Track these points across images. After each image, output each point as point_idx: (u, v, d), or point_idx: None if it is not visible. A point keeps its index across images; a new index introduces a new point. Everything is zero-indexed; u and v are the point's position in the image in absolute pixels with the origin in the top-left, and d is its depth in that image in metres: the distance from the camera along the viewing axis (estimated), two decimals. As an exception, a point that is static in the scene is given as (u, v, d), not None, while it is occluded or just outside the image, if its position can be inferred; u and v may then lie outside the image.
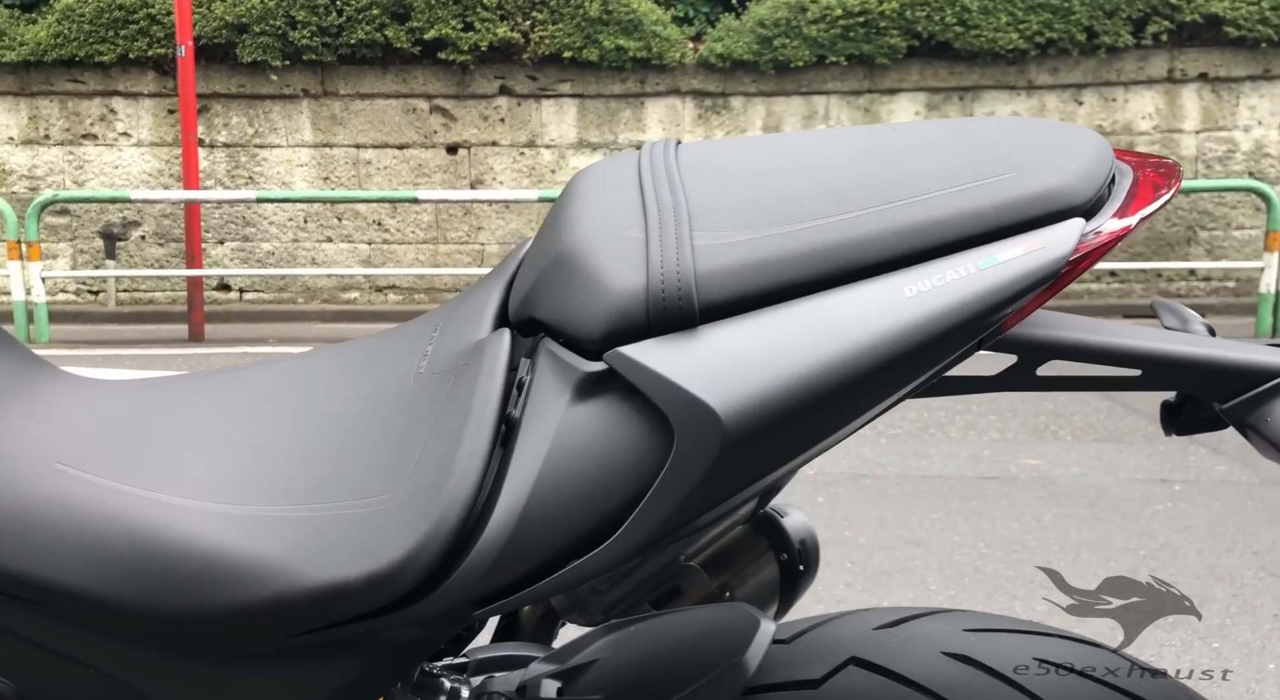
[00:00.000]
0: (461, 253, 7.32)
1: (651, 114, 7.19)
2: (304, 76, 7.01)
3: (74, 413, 0.62)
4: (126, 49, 6.76)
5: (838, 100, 7.16)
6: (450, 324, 0.64)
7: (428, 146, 7.20)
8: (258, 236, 7.20)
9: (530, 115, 7.18)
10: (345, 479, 0.55)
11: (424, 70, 7.06)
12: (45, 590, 0.54)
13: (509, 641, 0.87)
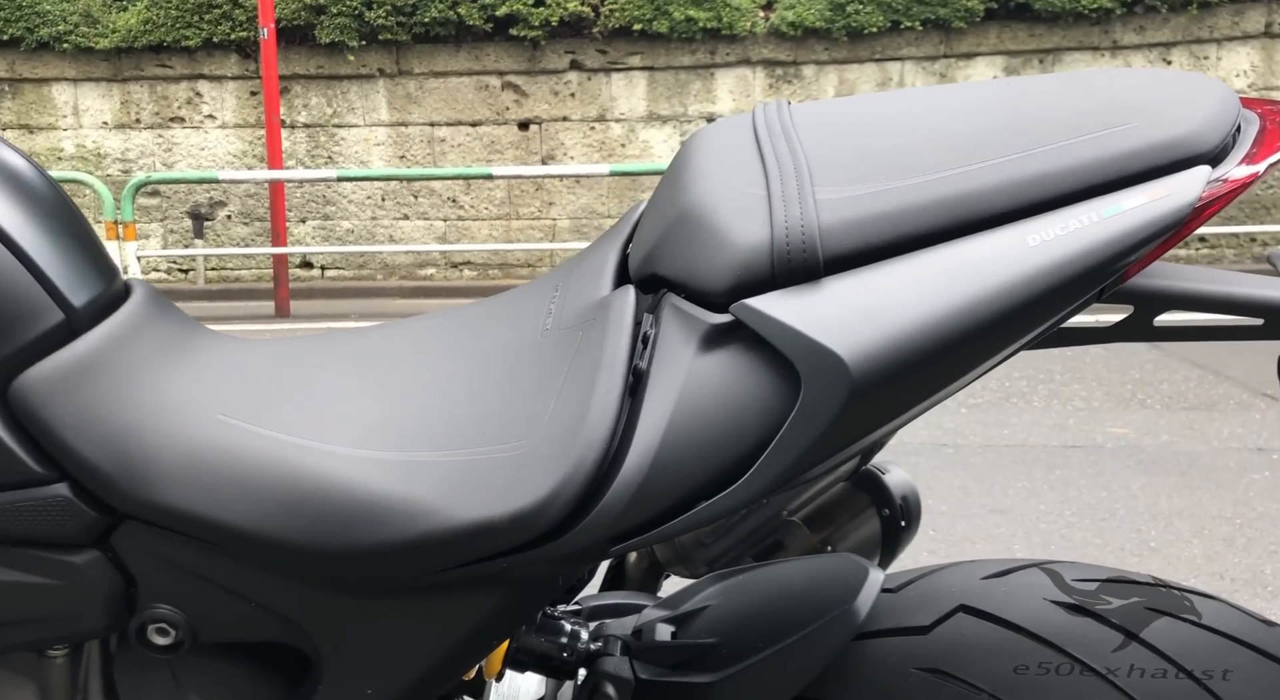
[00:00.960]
0: (533, 228, 7.40)
1: (721, 85, 7.14)
2: (380, 56, 7.14)
3: (229, 369, 0.68)
4: (211, 33, 6.97)
5: (912, 66, 7.01)
6: (570, 284, 0.67)
7: (500, 123, 7.28)
8: (337, 214, 7.39)
9: (600, 89, 7.19)
10: (484, 427, 0.59)
11: (496, 47, 7.12)
12: (213, 529, 0.59)
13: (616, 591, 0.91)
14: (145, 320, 0.66)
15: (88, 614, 0.62)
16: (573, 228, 7.37)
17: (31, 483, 0.58)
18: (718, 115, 7.15)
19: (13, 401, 0.58)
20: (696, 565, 0.90)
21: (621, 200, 7.26)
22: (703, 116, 7.14)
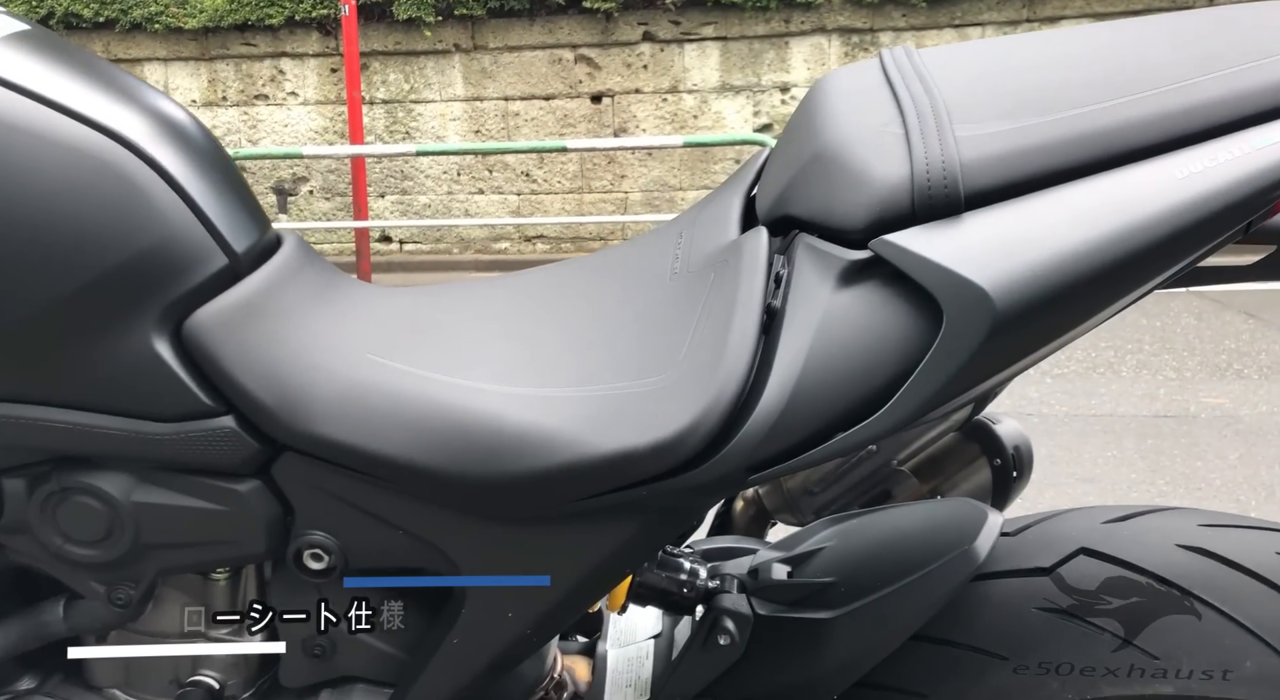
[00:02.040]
0: (605, 201, 7.43)
1: (796, 54, 7.04)
2: (456, 31, 7.21)
3: (373, 313, 0.72)
4: (293, 11, 7.12)
5: (994, 32, 6.80)
6: (695, 230, 0.70)
7: (573, 96, 7.30)
8: (415, 189, 7.52)
9: (673, 61, 7.15)
10: (621, 363, 0.61)
11: (569, 20, 7.13)
12: (366, 460, 0.63)
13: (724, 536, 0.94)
14: (298, 266, 0.70)
15: (250, 539, 0.66)
16: (644, 200, 7.37)
17: (202, 415, 0.63)
18: (792, 85, 7.06)
19: (186, 339, 0.62)
20: (804, 513, 0.92)
21: (693, 172, 7.23)
22: (776, 86, 7.05)
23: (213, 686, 0.74)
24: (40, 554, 0.66)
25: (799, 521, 0.93)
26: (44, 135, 0.59)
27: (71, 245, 0.59)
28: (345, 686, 0.75)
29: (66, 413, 0.61)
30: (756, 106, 7.13)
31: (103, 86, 0.64)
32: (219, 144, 0.70)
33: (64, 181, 0.59)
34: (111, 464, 0.64)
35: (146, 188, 0.61)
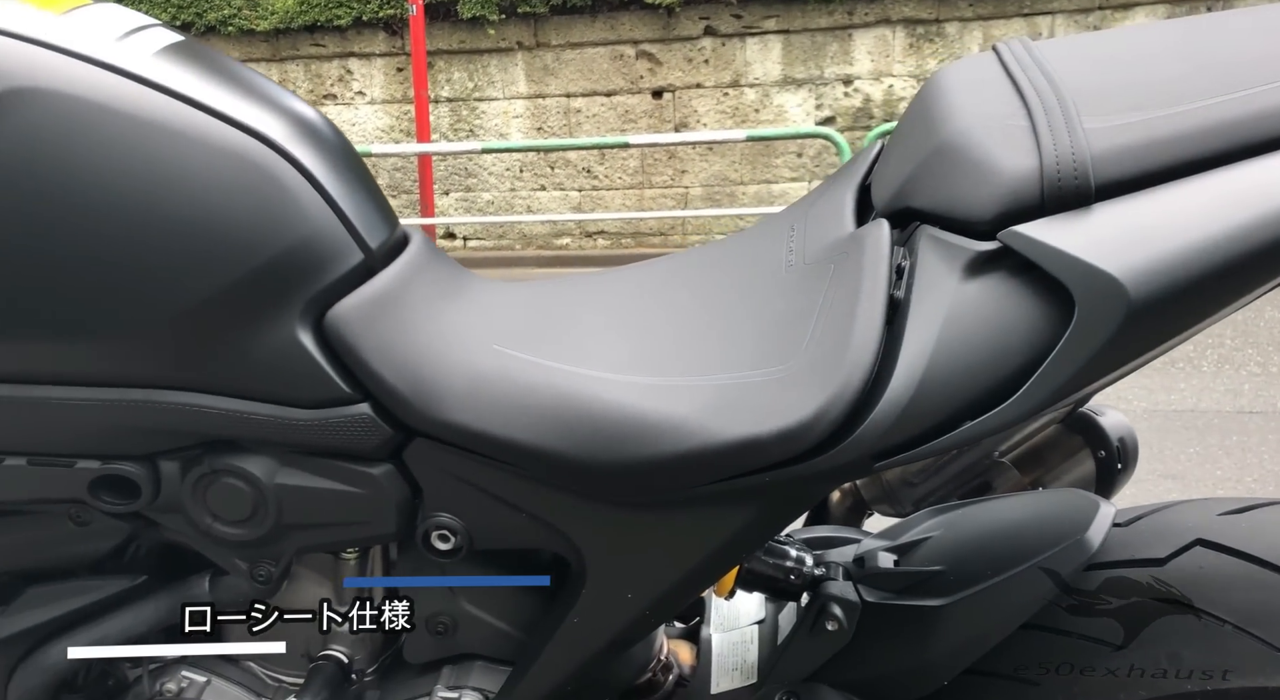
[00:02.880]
0: (666, 197, 7.44)
1: (859, 46, 6.96)
2: (519, 29, 7.29)
3: (496, 306, 0.74)
4: (360, 12, 7.27)
5: (1064, 19, 6.66)
6: (807, 223, 0.71)
7: (634, 92, 7.32)
8: (479, 186, 7.63)
9: (734, 55, 7.13)
10: (741, 353, 0.63)
11: (630, 16, 7.15)
12: (493, 445, 0.66)
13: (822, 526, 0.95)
14: (425, 262, 0.73)
15: (382, 520, 0.70)
16: (705, 195, 7.37)
17: (341, 402, 0.66)
18: (855, 77, 6.99)
19: (327, 331, 0.66)
20: (903, 504, 0.93)
21: (754, 166, 7.20)
22: (839, 79, 6.99)
23: (342, 660, 0.78)
24: (190, 532, 0.70)
25: (897, 512, 0.94)
26: (201, 139, 0.63)
27: (226, 242, 0.63)
28: (465, 663, 0.78)
29: (218, 399, 0.65)
30: (819, 100, 7.08)
31: (248, 91, 0.68)
32: (349, 143, 0.74)
33: (219, 182, 0.63)
34: (257, 448, 0.68)
35: (292, 187, 0.65)
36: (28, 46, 0.61)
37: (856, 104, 7.02)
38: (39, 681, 0.72)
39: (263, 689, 0.79)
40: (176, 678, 0.77)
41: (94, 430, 0.65)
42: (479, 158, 7.48)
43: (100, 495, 0.67)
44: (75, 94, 0.60)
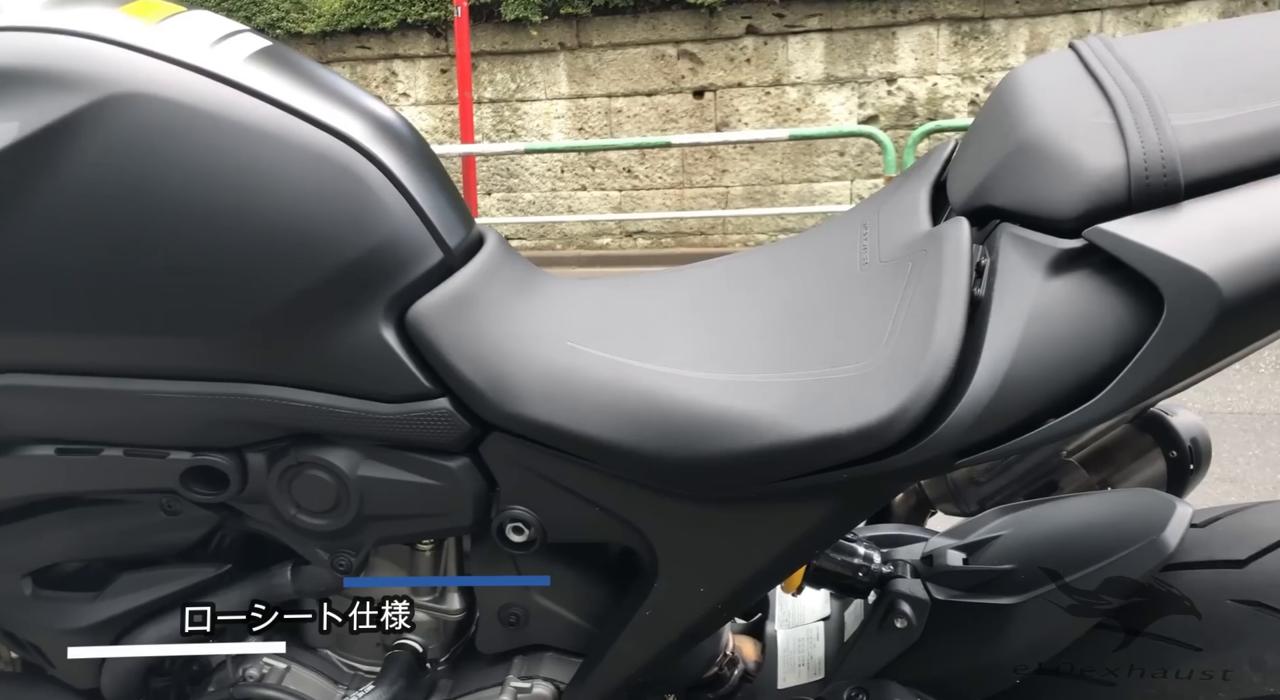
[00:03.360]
0: (706, 196, 7.43)
1: (903, 44, 6.90)
2: (561, 30, 7.32)
3: (570, 304, 0.76)
4: (405, 14, 7.35)
5: (1113, 15, 6.55)
6: (880, 221, 0.71)
7: (675, 92, 7.32)
8: (520, 187, 7.68)
9: (776, 54, 7.11)
10: (818, 350, 0.64)
11: (672, 16, 7.16)
12: (569, 440, 0.67)
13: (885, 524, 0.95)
14: (500, 260, 0.74)
15: (459, 512, 0.71)
16: (746, 194, 7.35)
17: (421, 397, 0.68)
18: (898, 75, 6.93)
19: (409, 327, 0.67)
20: (968, 503, 0.93)
21: (796, 166, 7.17)
22: (883, 77, 6.94)
23: (417, 649, 0.79)
24: (275, 522, 0.72)
25: (961, 511, 0.93)
26: (292, 141, 0.65)
27: (314, 242, 0.65)
28: (536, 654, 0.79)
29: (305, 393, 0.67)
30: (862, 98, 7.03)
31: (332, 93, 0.70)
32: (426, 143, 0.76)
33: (308, 183, 0.65)
34: (340, 441, 0.70)
35: (376, 188, 0.66)
36: (128, 53, 0.63)
37: (900, 102, 6.96)
38: (127, 666, 0.75)
39: (339, 676, 0.81)
40: (259, 664, 0.79)
41: (187, 423, 0.67)
42: (521, 158, 7.53)
43: (191, 485, 0.69)
44: (173, 98, 0.62)
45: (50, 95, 0.61)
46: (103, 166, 0.61)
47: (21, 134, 0.60)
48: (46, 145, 0.60)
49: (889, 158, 5.57)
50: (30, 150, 0.60)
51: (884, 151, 5.58)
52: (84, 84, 0.61)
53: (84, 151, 0.61)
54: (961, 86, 6.86)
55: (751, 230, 7.39)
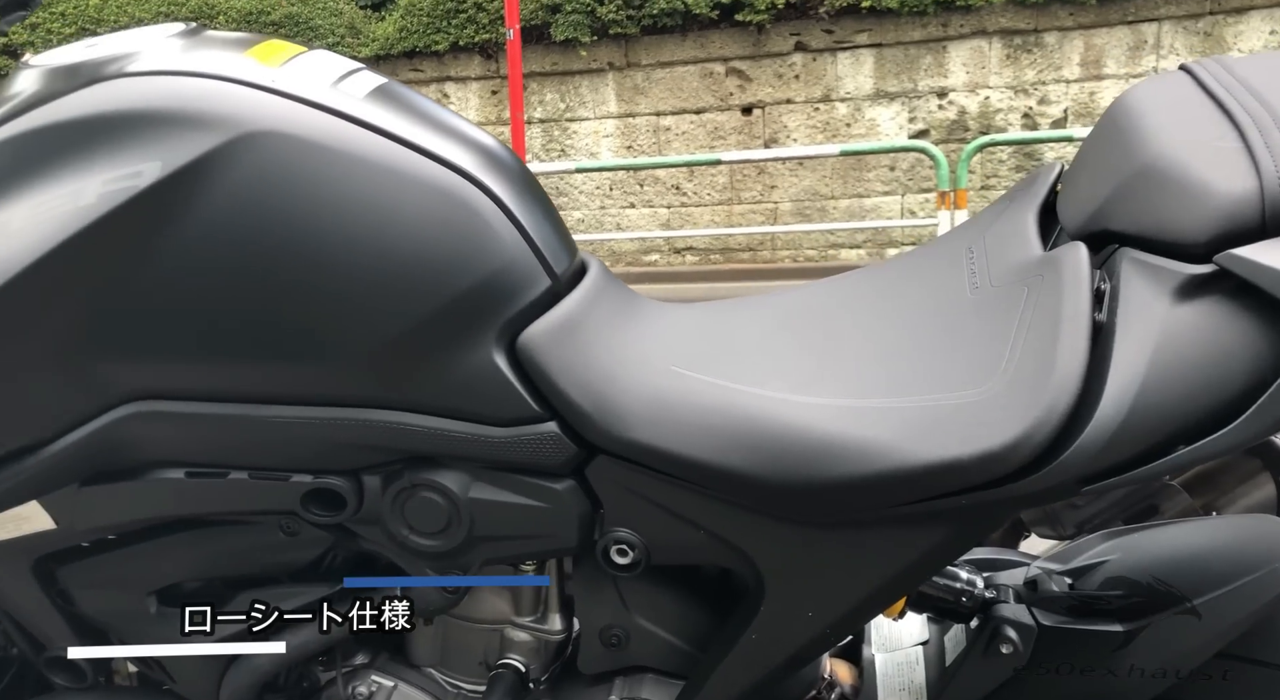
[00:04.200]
0: (755, 212, 7.43)
1: (954, 58, 6.86)
2: (610, 50, 7.40)
3: (672, 329, 0.77)
4: (457, 37, 7.48)
5: (1171, 26, 6.44)
6: (986, 245, 0.71)
7: (723, 109, 7.35)
8: (569, 205, 7.74)
9: (825, 70, 7.10)
10: (933, 375, 0.64)
11: (721, 33, 7.19)
12: (676, 464, 0.68)
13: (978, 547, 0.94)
14: (603, 287, 0.75)
15: (564, 534, 0.72)
16: (795, 210, 7.34)
17: (530, 420, 0.69)
18: (949, 89, 6.88)
19: (519, 353, 0.69)
20: (1064, 527, 0.92)
21: (845, 181, 7.14)
22: (933, 91, 6.89)
23: (520, 669, 0.80)
24: (387, 543, 0.74)
25: (1057, 535, 0.92)
26: (410, 175, 0.67)
27: (432, 271, 0.66)
28: (637, 676, 0.80)
29: (421, 418, 0.69)
30: (912, 113, 6.99)
31: (443, 126, 0.72)
32: (530, 171, 0.77)
33: (426, 215, 0.67)
34: (453, 464, 0.71)
35: (490, 218, 0.68)
36: (258, 93, 0.66)
37: (951, 117, 6.90)
38: (248, 681, 0.77)
39: (444, 695, 0.82)
40: (367, 682, 0.81)
41: (309, 447, 0.69)
42: (570, 176, 7.60)
43: (311, 507, 0.71)
44: (301, 136, 0.65)
45: (188, 135, 0.63)
46: (235, 201, 0.64)
47: (164, 172, 0.63)
48: (186, 182, 0.63)
49: (942, 172, 5.53)
50: (171, 188, 0.63)
51: (937, 166, 5.54)
52: (219, 124, 0.64)
53: (219, 188, 0.63)
54: (1014, 100, 6.79)
55: (801, 246, 7.36)
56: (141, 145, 0.63)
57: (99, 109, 0.65)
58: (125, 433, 0.67)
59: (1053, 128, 6.63)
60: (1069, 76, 6.69)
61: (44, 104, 0.65)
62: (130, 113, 0.64)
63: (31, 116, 0.65)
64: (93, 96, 0.65)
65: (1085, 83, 6.67)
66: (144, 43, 0.70)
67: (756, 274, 7.07)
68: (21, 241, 0.63)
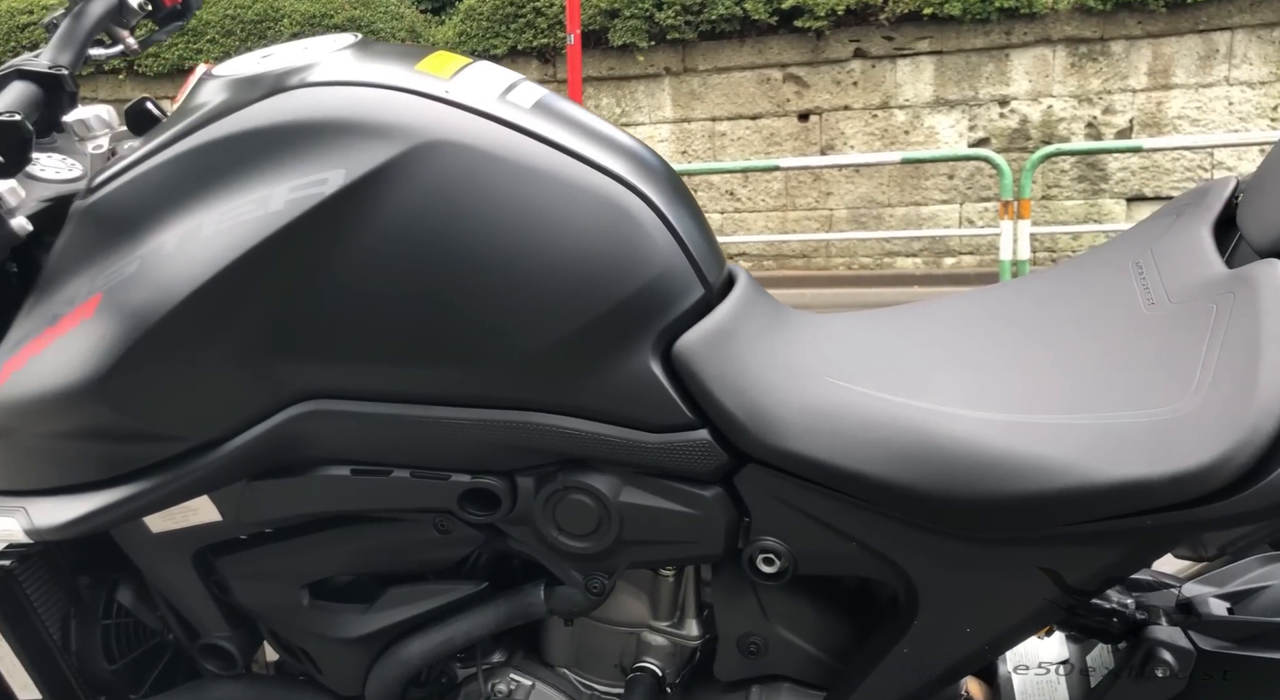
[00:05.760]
0: (809, 219, 7.39)
1: (1017, 66, 6.77)
2: (667, 55, 7.41)
3: (823, 339, 0.76)
4: (515, 42, 7.55)
5: (1244, 35, 6.29)
6: (1157, 261, 0.70)
7: (780, 115, 7.32)
8: (623, 208, 7.76)
9: (884, 77, 7.05)
10: (1114, 393, 0.63)
11: (779, 40, 7.17)
12: (832, 475, 0.67)
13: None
14: (753, 297, 0.75)
15: (710, 540, 0.72)
16: (850, 217, 7.28)
17: (683, 427, 0.69)
18: (1011, 98, 6.79)
19: (675, 360, 0.69)
20: (1207, 548, 0.90)
21: (903, 189, 7.08)
22: (995, 100, 6.81)
23: (657, 674, 0.80)
24: (534, 543, 0.74)
25: (1197, 556, 0.90)
26: (576, 184, 0.68)
27: (595, 278, 0.67)
28: (774, 685, 0.80)
29: (577, 422, 0.69)
30: (972, 121, 6.91)
31: (601, 135, 0.73)
32: (683, 181, 0.78)
33: (590, 223, 0.67)
34: (605, 468, 0.71)
35: (649, 227, 0.69)
36: (434, 104, 0.67)
37: (1013, 125, 6.81)
38: (393, 675, 0.78)
39: (578, 696, 0.82)
40: (506, 679, 0.81)
41: (469, 447, 0.69)
42: (625, 181, 7.62)
43: (467, 506, 0.72)
44: (474, 145, 0.66)
45: (370, 144, 0.65)
46: (412, 208, 0.65)
47: (348, 180, 0.64)
48: (368, 190, 0.64)
49: (1005, 181, 5.45)
50: (354, 194, 0.64)
51: (1000, 176, 5.47)
52: (399, 133, 0.65)
53: (397, 195, 0.65)
54: (1078, 109, 6.68)
55: (855, 253, 7.31)
56: (326, 153, 0.65)
57: (284, 118, 0.66)
58: (297, 431, 0.68)
59: (1117, 138, 6.51)
60: (1135, 86, 6.57)
61: (231, 113, 0.67)
62: (314, 122, 0.66)
63: (220, 125, 0.67)
64: (278, 106, 0.67)
65: (1152, 92, 6.54)
66: (320, 54, 0.71)
67: (810, 281, 7.04)
68: (213, 246, 0.64)
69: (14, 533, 0.66)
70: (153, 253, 0.65)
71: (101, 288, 0.66)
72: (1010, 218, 5.42)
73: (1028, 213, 5.46)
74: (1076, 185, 6.75)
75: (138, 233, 0.67)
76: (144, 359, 0.64)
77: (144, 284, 0.65)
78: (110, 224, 0.68)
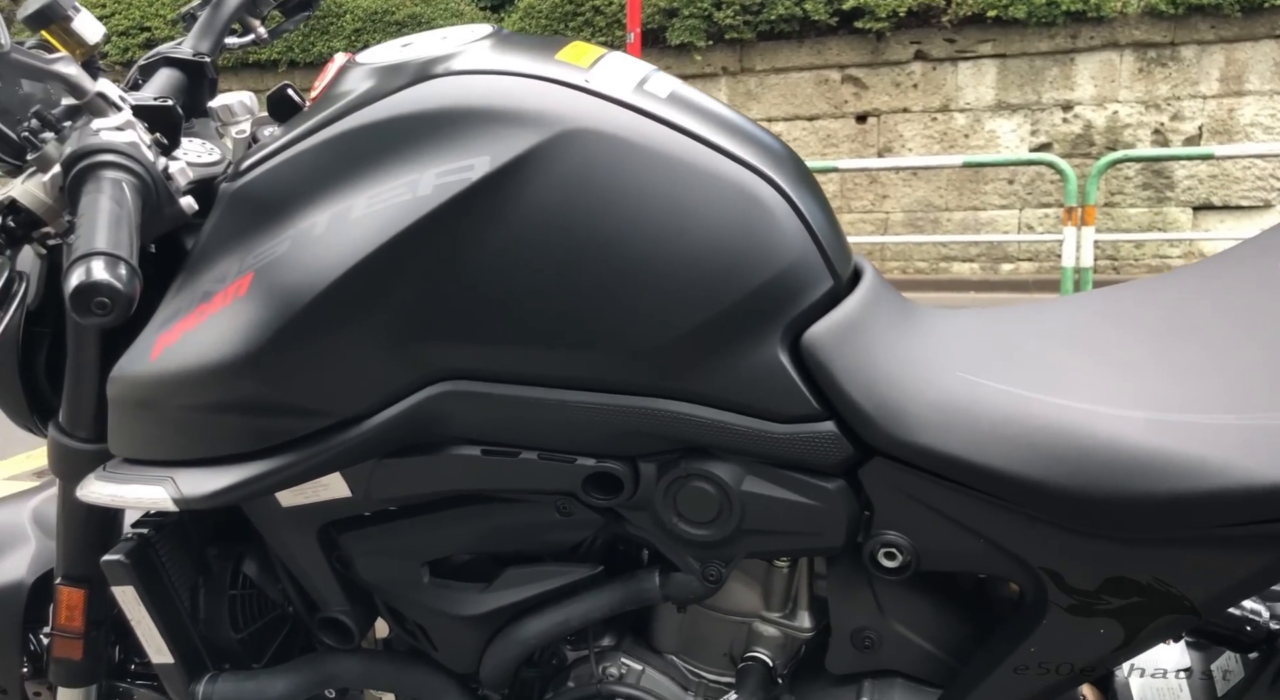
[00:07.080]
0: (865, 222, 7.33)
1: (1082, 71, 6.64)
2: (724, 55, 7.40)
3: (952, 334, 0.76)
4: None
5: (1322, 41, 6.11)
6: None
7: (837, 117, 7.27)
8: (677, 207, 7.75)
9: (945, 79, 6.96)
10: (1265, 393, 0.61)
11: (839, 41, 7.12)
12: (965, 471, 0.66)
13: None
14: (880, 290, 0.75)
15: (831, 533, 0.72)
16: (907, 221, 7.21)
17: (809, 418, 0.69)
18: (1075, 103, 6.67)
19: (803, 351, 0.69)
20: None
21: (961, 193, 6.99)
22: (1058, 105, 6.69)
23: (767, 664, 0.80)
24: (653, 529, 0.75)
25: None
26: (711, 173, 0.68)
27: (729, 267, 0.67)
28: (887, 680, 0.79)
29: (703, 409, 0.69)
30: (1035, 125, 6.80)
31: (734, 126, 0.73)
32: (812, 174, 0.77)
33: (725, 212, 0.68)
34: (728, 456, 0.72)
35: (781, 217, 0.69)
36: (575, 93, 0.68)
37: (1076, 131, 6.69)
38: (508, 655, 0.79)
39: (687, 684, 0.83)
40: (617, 663, 0.82)
41: (596, 431, 0.70)
42: (679, 180, 7.61)
43: (590, 490, 0.72)
44: (614, 134, 0.67)
45: (514, 131, 0.66)
46: (554, 195, 0.66)
47: (493, 166, 0.65)
48: (512, 176, 0.65)
49: (1070, 187, 5.35)
50: (499, 181, 0.65)
51: (1065, 181, 5.37)
52: (542, 121, 0.66)
53: (540, 182, 0.65)
54: (1145, 115, 6.54)
55: (911, 257, 7.23)
56: (471, 140, 0.66)
57: (431, 105, 0.67)
58: (432, 410, 0.69)
59: (1186, 145, 6.36)
60: (1206, 92, 6.41)
61: (378, 100, 0.69)
62: (460, 109, 0.67)
63: (367, 111, 0.68)
64: (424, 93, 0.68)
65: (1224, 99, 6.38)
66: (460, 43, 0.73)
67: (864, 284, 6.97)
68: (363, 229, 0.65)
69: (163, 501, 0.68)
70: (303, 234, 0.67)
71: (253, 267, 0.67)
72: (1074, 224, 5.32)
73: (1092, 219, 5.36)
74: (1141, 193, 6.61)
75: (287, 214, 0.68)
76: (295, 336, 0.66)
77: (295, 264, 0.66)
78: (260, 206, 0.69)
